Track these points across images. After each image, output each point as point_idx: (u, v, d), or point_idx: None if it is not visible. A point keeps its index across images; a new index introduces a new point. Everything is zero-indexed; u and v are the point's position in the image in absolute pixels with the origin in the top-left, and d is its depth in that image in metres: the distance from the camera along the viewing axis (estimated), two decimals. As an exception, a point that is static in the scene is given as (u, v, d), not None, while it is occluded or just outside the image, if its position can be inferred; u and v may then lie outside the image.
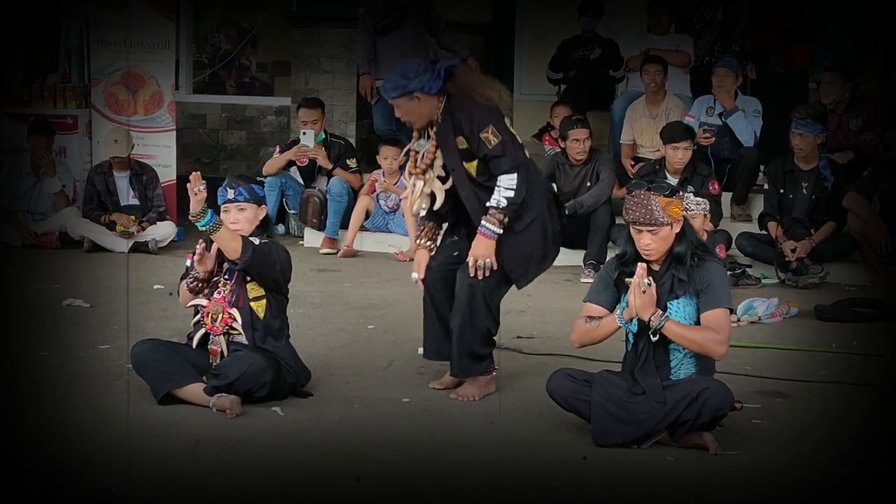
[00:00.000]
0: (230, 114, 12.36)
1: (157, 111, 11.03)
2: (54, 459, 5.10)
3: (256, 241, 5.89)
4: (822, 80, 9.94)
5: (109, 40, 11.08)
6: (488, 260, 6.02)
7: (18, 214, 10.45)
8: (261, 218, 6.04)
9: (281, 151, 10.74)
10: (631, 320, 5.30)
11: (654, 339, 5.27)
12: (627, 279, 5.29)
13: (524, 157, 6.13)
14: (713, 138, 9.85)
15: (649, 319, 5.22)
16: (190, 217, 5.77)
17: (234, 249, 5.77)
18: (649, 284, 5.19)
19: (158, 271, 9.22)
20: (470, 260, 6.03)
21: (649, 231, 5.29)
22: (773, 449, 5.36)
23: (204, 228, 5.74)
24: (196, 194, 5.72)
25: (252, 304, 5.91)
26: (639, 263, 5.25)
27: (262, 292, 5.93)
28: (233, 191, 5.99)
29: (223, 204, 5.97)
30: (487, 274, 6.05)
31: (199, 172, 5.83)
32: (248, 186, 6.05)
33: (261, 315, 5.92)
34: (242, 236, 5.84)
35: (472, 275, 6.02)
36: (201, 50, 13.18)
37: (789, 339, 7.51)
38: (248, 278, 5.91)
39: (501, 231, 6.02)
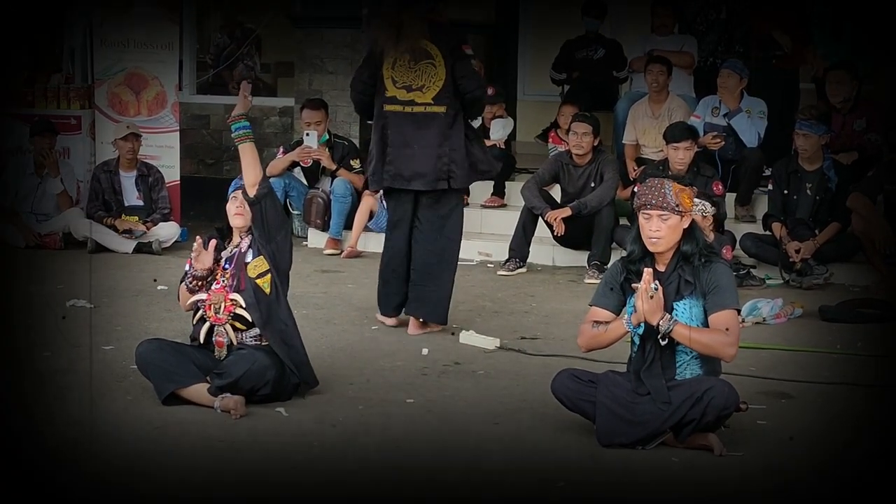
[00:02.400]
0: (230, 114, 12.33)
1: (160, 112, 11.04)
2: (58, 460, 5.10)
3: None
4: (828, 80, 9.91)
5: (113, 41, 11.09)
6: None
7: (22, 215, 10.45)
8: None
9: (284, 152, 10.74)
10: (639, 325, 5.29)
11: (662, 343, 5.26)
12: (634, 284, 5.27)
13: (354, 89, 7.59)
14: (723, 142, 9.86)
15: (658, 324, 5.21)
16: (230, 119, 6.13)
17: (255, 173, 5.91)
18: (656, 289, 5.18)
19: (162, 272, 9.22)
20: None
21: (660, 216, 5.27)
22: (777, 450, 5.36)
23: (236, 133, 6.02)
24: (245, 97, 6.13)
25: (257, 281, 5.90)
26: (645, 269, 5.23)
27: (266, 267, 5.91)
28: None
29: (236, 190, 5.98)
30: None
31: (249, 83, 6.32)
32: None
33: (267, 290, 5.91)
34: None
35: None
36: (205, 50, 13.17)
37: (794, 339, 7.50)
38: (248, 260, 5.90)
39: None
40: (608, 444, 5.27)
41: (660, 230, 5.28)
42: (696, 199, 7.88)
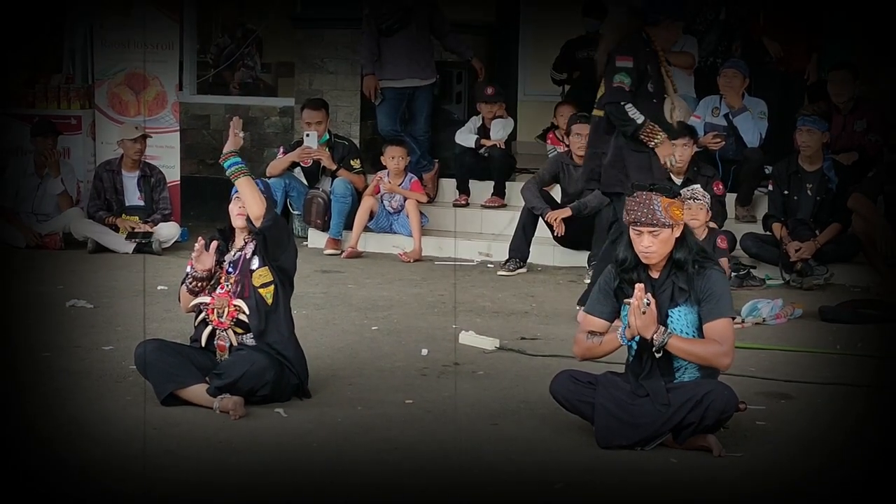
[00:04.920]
0: (234, 115, 12.32)
1: (160, 112, 11.05)
2: (58, 460, 5.10)
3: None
4: (831, 80, 9.90)
5: (113, 41, 11.11)
6: None
7: (22, 215, 10.46)
8: None
9: (285, 152, 10.74)
10: (633, 339, 5.29)
11: (657, 355, 5.25)
12: (626, 300, 5.26)
13: None
14: (723, 142, 9.85)
15: (652, 337, 5.20)
16: (221, 159, 5.95)
17: (257, 206, 5.81)
18: (648, 303, 5.16)
19: (162, 272, 9.22)
20: None
21: (650, 232, 5.26)
22: (776, 450, 5.35)
23: (230, 171, 5.86)
24: (236, 135, 5.94)
25: (260, 290, 5.89)
26: (637, 284, 5.22)
27: (270, 278, 5.90)
28: None
29: (236, 192, 5.97)
30: None
31: (240, 119, 6.14)
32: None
33: (269, 301, 5.90)
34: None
35: None
36: (205, 51, 13.17)
37: (793, 340, 7.49)
38: (254, 268, 5.89)
39: None
40: (607, 445, 5.26)
41: (651, 245, 5.27)
42: (694, 188, 8.00)
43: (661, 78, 7.57)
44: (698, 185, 8.34)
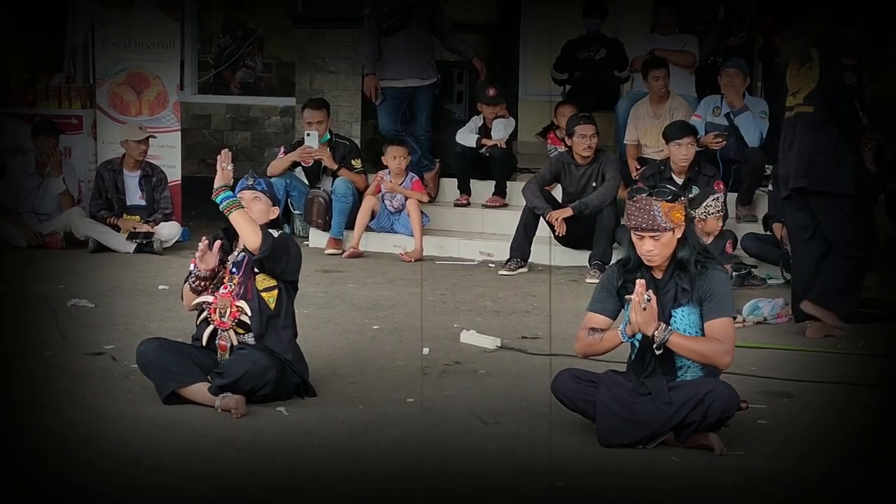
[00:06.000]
0: (235, 114, 12.35)
1: (161, 111, 11.06)
2: (59, 460, 5.09)
3: (275, 233, 5.92)
4: None
5: (114, 40, 11.12)
6: None
7: (23, 215, 10.47)
8: (272, 218, 6.03)
9: (285, 152, 10.75)
10: (633, 336, 5.29)
11: (658, 352, 5.25)
12: (627, 296, 5.26)
13: None
14: (724, 142, 9.85)
15: (653, 334, 5.20)
16: (213, 195, 5.84)
17: (252, 237, 5.76)
18: (648, 300, 5.16)
19: (163, 272, 9.23)
20: None
21: (651, 237, 5.26)
22: (778, 449, 5.35)
23: (223, 205, 5.79)
24: (223, 169, 5.83)
25: (263, 294, 5.88)
26: (638, 280, 5.22)
27: (273, 283, 5.91)
28: (253, 180, 6.05)
29: (239, 191, 5.95)
30: None
31: (229, 151, 5.96)
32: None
33: (271, 305, 5.90)
34: (262, 227, 5.84)
35: None
36: (206, 50, 13.17)
37: (794, 339, 7.50)
38: (257, 270, 5.89)
39: None
40: (608, 444, 5.26)
41: (653, 249, 5.27)
42: (708, 202, 8.03)
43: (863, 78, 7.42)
44: (717, 196, 8.40)
